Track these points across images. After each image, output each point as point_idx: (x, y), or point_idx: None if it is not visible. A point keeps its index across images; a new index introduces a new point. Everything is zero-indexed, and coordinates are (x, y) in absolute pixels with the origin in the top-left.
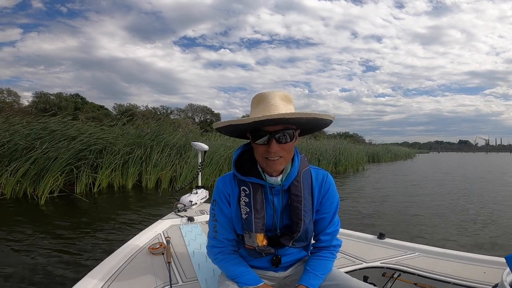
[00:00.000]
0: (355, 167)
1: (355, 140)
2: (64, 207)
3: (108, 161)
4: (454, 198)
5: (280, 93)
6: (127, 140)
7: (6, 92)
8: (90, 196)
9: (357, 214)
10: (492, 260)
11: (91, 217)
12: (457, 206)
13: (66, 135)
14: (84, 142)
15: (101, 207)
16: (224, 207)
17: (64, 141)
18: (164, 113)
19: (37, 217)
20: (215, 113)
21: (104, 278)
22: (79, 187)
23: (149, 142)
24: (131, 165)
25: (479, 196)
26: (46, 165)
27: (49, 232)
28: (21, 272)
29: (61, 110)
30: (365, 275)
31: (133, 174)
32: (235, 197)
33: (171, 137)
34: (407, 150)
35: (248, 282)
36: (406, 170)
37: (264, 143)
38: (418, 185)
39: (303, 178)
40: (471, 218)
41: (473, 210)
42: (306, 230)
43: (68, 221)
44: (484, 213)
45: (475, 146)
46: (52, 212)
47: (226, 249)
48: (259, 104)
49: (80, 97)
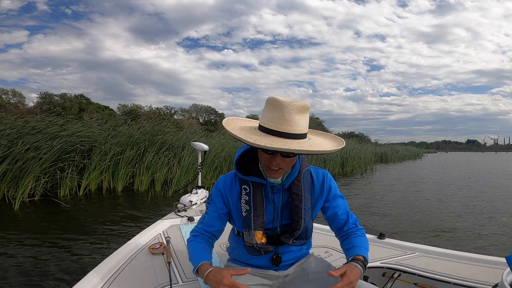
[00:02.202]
0: (363, 168)
1: (361, 140)
2: (38, 212)
3: (95, 162)
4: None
5: (298, 105)
6: (117, 139)
7: (11, 93)
8: (75, 200)
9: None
10: (492, 260)
11: (65, 224)
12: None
13: (47, 133)
14: (67, 141)
15: (83, 212)
16: (218, 202)
17: (48, 141)
18: (168, 113)
19: (8, 222)
20: (219, 113)
21: (104, 278)
22: (63, 190)
23: (142, 142)
24: (122, 166)
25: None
26: (26, 166)
27: (15, 240)
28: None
29: (65, 110)
30: (365, 275)
31: (123, 176)
32: (236, 196)
33: (169, 137)
34: (416, 150)
35: (196, 259)
36: (420, 172)
37: (270, 153)
38: (453, 195)
39: (303, 178)
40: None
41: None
42: (306, 228)
43: (39, 228)
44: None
45: (483, 145)
46: (24, 217)
47: (201, 236)
48: (273, 111)
49: (84, 98)
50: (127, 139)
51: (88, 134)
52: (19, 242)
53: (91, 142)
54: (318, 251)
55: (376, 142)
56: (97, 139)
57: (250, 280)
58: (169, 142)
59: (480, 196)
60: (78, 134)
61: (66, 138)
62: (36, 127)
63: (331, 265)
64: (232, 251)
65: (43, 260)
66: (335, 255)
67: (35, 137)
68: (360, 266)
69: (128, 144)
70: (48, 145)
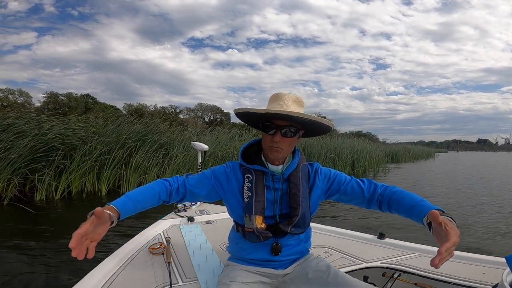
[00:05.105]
0: (376, 168)
1: (368, 139)
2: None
3: (76, 162)
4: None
5: (294, 96)
6: (104, 138)
7: (18, 93)
8: (50, 204)
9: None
10: (492, 260)
11: (26, 231)
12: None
13: (15, 132)
14: (44, 140)
15: (51, 218)
16: (211, 177)
17: (16, 139)
18: (173, 113)
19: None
20: (224, 112)
21: (104, 278)
22: (39, 193)
23: (131, 142)
24: (106, 167)
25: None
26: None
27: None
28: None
29: (71, 110)
30: (365, 275)
31: (107, 178)
32: (236, 184)
33: (160, 137)
34: (427, 150)
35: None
36: (439, 173)
37: (271, 133)
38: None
39: (301, 170)
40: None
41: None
42: (303, 215)
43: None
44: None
45: (495, 145)
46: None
47: (169, 182)
48: (274, 101)
49: (90, 97)
50: (116, 137)
51: (68, 133)
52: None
53: (73, 142)
54: (318, 251)
55: (384, 141)
56: (81, 138)
57: (249, 277)
58: (159, 141)
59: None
60: (57, 132)
61: (41, 137)
62: (10, 124)
63: (331, 265)
64: (232, 249)
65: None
66: (335, 255)
67: (4, 135)
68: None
69: (117, 143)
70: (17, 144)
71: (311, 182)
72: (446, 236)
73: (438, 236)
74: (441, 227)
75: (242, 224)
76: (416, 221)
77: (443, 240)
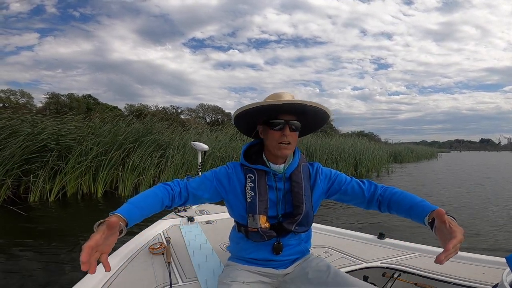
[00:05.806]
0: (379, 169)
1: (370, 139)
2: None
3: (72, 163)
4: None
5: (291, 94)
6: (101, 138)
7: (19, 94)
8: (44, 206)
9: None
10: (492, 260)
11: (14, 235)
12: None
13: (8, 132)
14: (36, 140)
15: (44, 221)
16: (213, 179)
17: (5, 139)
18: (174, 113)
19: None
20: (226, 112)
21: (104, 278)
22: (33, 195)
23: (129, 143)
24: (103, 168)
25: None
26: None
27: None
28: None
29: (72, 110)
30: (365, 275)
31: (103, 179)
32: (238, 184)
33: (161, 137)
34: (430, 150)
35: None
36: (445, 172)
37: (280, 129)
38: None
39: (302, 169)
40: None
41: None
42: (307, 213)
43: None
44: None
45: (498, 145)
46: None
47: (170, 187)
48: (273, 99)
49: (92, 98)
50: (113, 138)
51: (62, 133)
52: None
53: (67, 142)
54: (318, 251)
55: (386, 141)
56: (76, 138)
57: (250, 277)
58: (157, 142)
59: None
60: (51, 132)
61: (34, 137)
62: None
63: (331, 265)
64: (233, 248)
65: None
66: (335, 255)
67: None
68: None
69: (114, 143)
70: (9, 145)
71: (313, 182)
72: (451, 234)
73: (441, 234)
74: (445, 225)
75: (245, 224)
76: (417, 220)
77: (448, 238)
